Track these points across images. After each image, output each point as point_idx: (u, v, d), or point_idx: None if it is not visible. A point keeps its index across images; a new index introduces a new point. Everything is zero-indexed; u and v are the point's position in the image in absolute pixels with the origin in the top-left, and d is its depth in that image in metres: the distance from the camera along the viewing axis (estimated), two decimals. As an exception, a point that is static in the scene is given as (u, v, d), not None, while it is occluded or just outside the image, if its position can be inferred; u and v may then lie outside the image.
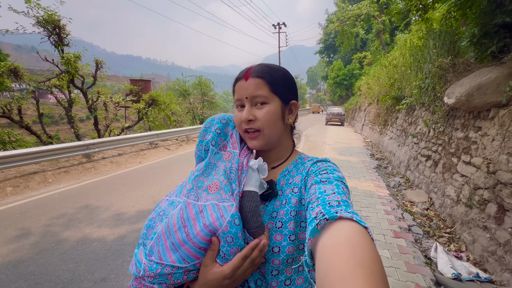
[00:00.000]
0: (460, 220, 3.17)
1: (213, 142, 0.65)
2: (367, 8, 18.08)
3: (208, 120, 0.69)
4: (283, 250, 0.57)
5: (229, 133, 0.67)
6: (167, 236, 0.54)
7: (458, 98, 3.30)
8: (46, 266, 2.35)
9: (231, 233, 0.52)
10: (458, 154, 3.57)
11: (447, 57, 4.01)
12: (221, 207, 0.54)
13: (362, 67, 24.59)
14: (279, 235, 0.58)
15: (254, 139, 0.63)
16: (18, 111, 7.57)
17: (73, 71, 7.48)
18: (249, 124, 0.62)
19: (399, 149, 6.47)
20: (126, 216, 3.43)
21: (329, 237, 0.39)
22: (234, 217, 0.53)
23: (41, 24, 6.85)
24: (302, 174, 0.63)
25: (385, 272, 0.33)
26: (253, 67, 0.65)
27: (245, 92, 0.62)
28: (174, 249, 0.52)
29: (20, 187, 4.55)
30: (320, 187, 0.53)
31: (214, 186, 0.58)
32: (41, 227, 3.12)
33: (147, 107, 10.50)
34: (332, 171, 0.58)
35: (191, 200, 0.57)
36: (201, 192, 0.58)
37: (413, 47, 6.15)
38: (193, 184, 0.60)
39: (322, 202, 0.47)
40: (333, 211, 0.43)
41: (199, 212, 0.55)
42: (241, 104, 0.64)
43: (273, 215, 0.61)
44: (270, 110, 0.62)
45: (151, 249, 0.55)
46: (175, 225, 0.54)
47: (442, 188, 3.84)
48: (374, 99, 10.82)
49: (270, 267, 0.58)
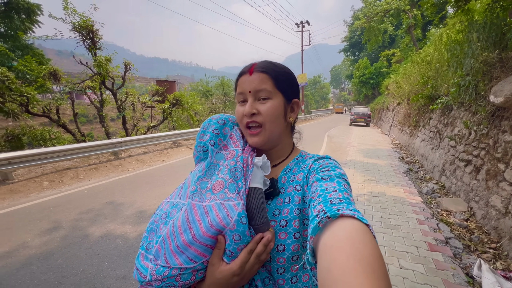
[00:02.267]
0: (508, 235, 2.80)
1: (211, 142, 0.63)
2: (397, 2, 17.11)
3: (205, 121, 0.68)
4: (288, 248, 0.57)
5: (227, 133, 0.66)
6: (171, 239, 0.53)
7: (508, 97, 2.93)
8: (73, 260, 2.44)
9: (239, 231, 0.51)
10: (506, 160, 3.17)
11: (494, 51, 3.59)
12: (226, 206, 0.53)
13: (390, 65, 23.34)
14: (283, 233, 0.58)
15: (256, 136, 0.63)
16: (56, 111, 8.17)
17: (104, 73, 7.91)
18: (251, 117, 0.61)
19: (433, 152, 5.97)
20: (147, 214, 3.50)
21: (331, 235, 0.39)
22: (241, 216, 0.52)
23: (77, 29, 7.32)
24: (304, 172, 0.63)
25: (386, 269, 0.32)
26: (258, 62, 0.64)
27: (249, 86, 0.62)
28: (179, 251, 0.51)
29: (55, 182, 4.87)
30: (321, 185, 0.53)
31: (219, 185, 0.57)
32: (71, 221, 3.28)
33: (171, 107, 10.81)
34: (333, 168, 0.58)
35: (195, 202, 0.56)
36: (206, 193, 0.57)
37: (451, 42, 5.63)
38: (197, 186, 0.59)
39: (324, 199, 0.47)
40: (334, 208, 0.42)
41: (204, 213, 0.54)
42: (244, 99, 0.64)
43: (276, 213, 0.61)
44: (274, 105, 0.62)
45: (157, 253, 0.54)
46: (181, 227, 0.53)
47: (485, 197, 3.44)
48: (404, 98, 10.17)
49: (276, 265, 0.58)
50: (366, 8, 21.44)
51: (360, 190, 4.36)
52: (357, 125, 18.25)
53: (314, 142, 10.07)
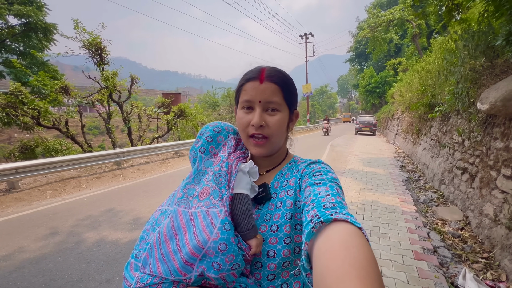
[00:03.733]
0: (500, 244, 2.73)
1: (201, 149, 0.64)
2: (400, 12, 17.25)
3: (203, 128, 0.69)
4: (279, 253, 0.56)
5: (221, 142, 0.66)
6: (157, 246, 0.54)
7: (493, 104, 2.92)
8: (63, 264, 2.54)
9: (223, 240, 0.51)
10: (497, 167, 3.12)
11: (481, 59, 3.60)
12: (210, 213, 0.54)
13: (397, 74, 23.23)
14: (274, 238, 0.57)
15: (260, 147, 0.62)
16: (65, 123, 8.57)
17: (111, 86, 8.30)
18: (258, 129, 0.60)
19: (433, 160, 5.87)
20: (141, 221, 3.59)
21: (325, 240, 0.38)
22: (224, 223, 0.52)
23: (86, 46, 7.78)
24: (296, 177, 0.63)
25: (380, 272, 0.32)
26: (266, 69, 0.63)
27: (259, 95, 0.60)
28: (163, 260, 0.52)
29: (58, 191, 5.07)
30: (314, 189, 0.52)
31: (205, 192, 0.57)
32: (67, 228, 3.41)
33: (176, 118, 11.12)
34: (325, 173, 0.58)
35: (181, 208, 0.56)
36: (192, 199, 0.57)
37: (447, 50, 5.65)
38: (184, 192, 0.59)
39: (317, 204, 0.47)
40: (328, 213, 0.42)
41: (189, 220, 0.54)
42: (250, 106, 0.62)
43: (267, 218, 0.61)
44: (282, 118, 0.62)
45: (145, 261, 0.54)
46: (166, 234, 0.54)
47: (479, 205, 3.37)
48: (406, 107, 10.10)
49: (266, 271, 0.57)
50: (370, 18, 21.66)
51: (354, 198, 4.33)
52: (362, 134, 18.06)
53: (316, 151, 10.06)
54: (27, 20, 11.94)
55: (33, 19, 11.85)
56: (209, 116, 17.65)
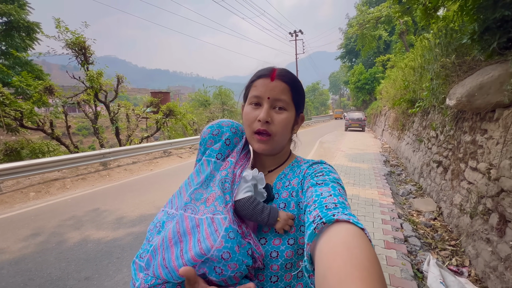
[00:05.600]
0: (465, 232, 2.89)
1: (219, 156, 0.63)
2: (387, 9, 17.49)
3: (214, 126, 0.66)
4: (282, 254, 0.56)
5: (237, 143, 0.66)
6: (161, 250, 0.53)
7: (459, 99, 3.07)
8: (42, 264, 2.57)
9: (227, 248, 0.50)
10: (465, 160, 3.29)
11: (453, 56, 3.76)
12: (215, 220, 0.53)
13: (386, 70, 23.60)
14: (277, 239, 0.57)
15: (263, 143, 0.62)
16: (50, 124, 8.43)
17: (96, 86, 8.20)
18: (264, 125, 0.61)
19: (414, 155, 6.07)
20: (124, 220, 3.63)
21: (327, 241, 0.38)
22: (228, 231, 0.51)
23: (69, 46, 7.66)
24: (298, 177, 0.63)
25: (383, 272, 0.33)
26: (278, 69, 0.64)
27: (269, 92, 0.61)
28: (164, 265, 0.51)
29: (42, 192, 5.04)
30: (316, 190, 0.53)
31: (212, 198, 0.57)
32: (49, 229, 3.42)
33: (165, 117, 11.07)
34: (327, 173, 0.58)
35: (188, 214, 0.56)
36: (199, 205, 0.57)
37: (424, 48, 5.83)
38: (191, 197, 0.58)
39: (319, 205, 0.47)
40: (330, 213, 0.42)
41: (195, 226, 0.54)
42: (258, 102, 0.62)
43: None
44: (288, 117, 0.63)
45: (148, 263, 0.54)
46: (171, 239, 0.54)
47: (450, 196, 3.54)
48: (391, 103, 10.33)
49: (269, 273, 0.56)
50: (359, 15, 21.86)
51: (336, 193, 4.45)
52: (352, 130, 18.34)
53: (305, 148, 10.20)
54: (8, 18, 11.61)
55: (15, 17, 11.53)
56: (201, 115, 17.58)
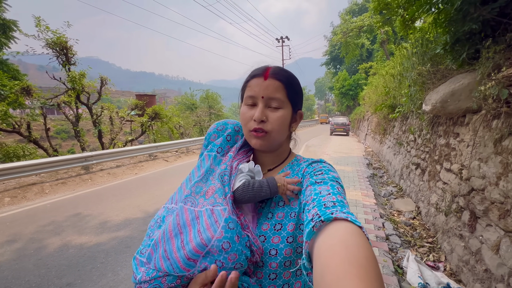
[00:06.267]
0: (441, 229, 3.07)
1: (219, 149, 0.66)
2: (369, 19, 18.28)
3: (220, 123, 0.69)
4: (280, 252, 0.56)
5: (238, 141, 0.68)
6: (162, 243, 0.54)
7: (434, 105, 3.28)
8: (20, 271, 2.45)
9: (227, 238, 0.50)
10: (441, 161, 3.50)
11: (428, 65, 4.02)
12: (215, 211, 0.54)
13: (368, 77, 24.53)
14: (276, 237, 0.57)
15: (260, 139, 0.63)
16: (27, 126, 8.04)
17: (78, 87, 7.94)
18: (259, 124, 0.61)
19: (395, 158, 6.35)
20: (108, 224, 3.53)
21: (325, 239, 0.39)
22: (228, 222, 0.52)
23: (50, 45, 7.39)
24: (298, 176, 0.63)
25: (380, 270, 0.34)
26: (272, 67, 0.64)
27: (262, 91, 0.61)
28: (166, 257, 0.52)
29: (18, 198, 4.78)
30: (315, 188, 0.53)
31: (211, 190, 0.58)
32: (27, 235, 3.26)
33: (150, 120, 10.87)
34: (327, 172, 0.58)
35: (188, 206, 0.57)
36: (199, 198, 0.58)
37: (403, 56, 6.17)
38: (192, 190, 0.60)
39: (318, 203, 0.47)
40: (328, 212, 0.43)
41: (195, 218, 0.54)
42: (253, 102, 0.63)
43: (269, 216, 0.61)
44: (283, 115, 0.62)
45: (149, 256, 0.55)
46: (171, 231, 0.54)
47: (427, 196, 3.74)
48: (373, 108, 10.75)
49: (268, 270, 0.57)
50: (343, 24, 22.67)
51: (321, 195, 4.57)
52: (337, 134, 18.83)
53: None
54: (-18, 15, 11.04)
55: (-10, 14, 10.98)
56: (187, 118, 17.41)
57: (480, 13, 2.66)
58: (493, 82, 2.26)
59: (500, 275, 1.88)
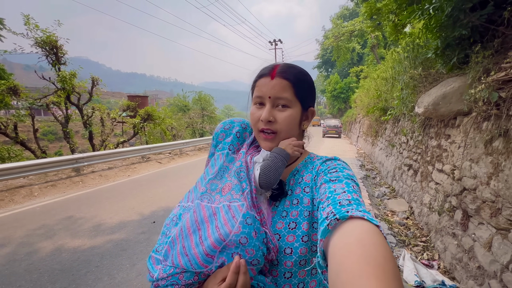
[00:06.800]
0: (434, 228, 3.15)
1: (230, 147, 0.66)
2: (360, 24, 18.69)
3: (227, 122, 0.70)
4: (295, 251, 0.55)
5: (247, 138, 0.69)
6: (180, 239, 0.54)
7: (426, 107, 3.38)
8: (10, 277, 2.36)
9: (245, 234, 0.51)
10: (432, 162, 3.60)
11: (419, 69, 4.14)
12: (232, 207, 0.54)
13: (359, 81, 25.02)
14: (291, 236, 0.57)
15: (269, 141, 0.63)
16: (14, 127, 7.78)
17: (69, 88, 7.75)
18: (267, 125, 0.61)
19: (387, 159, 6.48)
20: (102, 227, 3.45)
21: (341, 237, 0.38)
22: (245, 217, 0.52)
23: (39, 44, 7.20)
24: (312, 173, 0.62)
25: (399, 270, 0.33)
26: (280, 65, 0.63)
27: (269, 91, 0.61)
28: (184, 253, 0.52)
29: (5, 201, 4.61)
30: (330, 186, 0.52)
31: (227, 187, 0.58)
32: (16, 239, 3.14)
33: (143, 122, 10.71)
34: (341, 169, 0.58)
35: (204, 203, 0.57)
36: (215, 195, 0.58)
37: (395, 60, 6.33)
38: (207, 187, 0.60)
39: (333, 201, 0.46)
40: (344, 210, 0.42)
41: (212, 214, 0.55)
42: (261, 102, 0.63)
43: (283, 214, 0.60)
44: (291, 114, 0.62)
45: (166, 254, 0.55)
46: (190, 228, 0.55)
47: (420, 196, 3.84)
48: (365, 111, 10.96)
49: (283, 269, 0.56)
50: (334, 28, 23.08)
51: (317, 196, 4.62)
52: (329, 136, 19.07)
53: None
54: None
55: (-26, 11, 10.61)
56: (180, 120, 17.25)
57: (469, 19, 2.76)
58: (483, 86, 2.35)
59: (493, 271, 1.94)
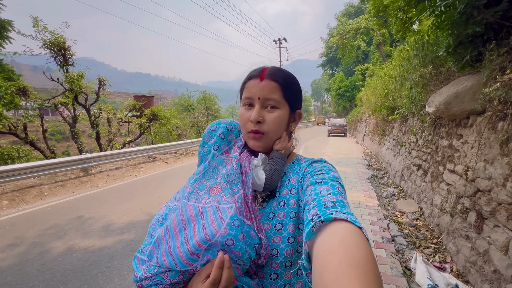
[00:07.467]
0: (446, 230, 3.09)
1: (215, 147, 0.66)
2: (366, 21, 18.46)
3: (214, 123, 0.70)
4: (281, 252, 0.56)
5: (232, 140, 0.68)
6: (165, 239, 0.54)
7: (437, 107, 3.31)
8: (23, 277, 2.40)
9: (231, 236, 0.50)
10: (443, 163, 3.53)
11: (429, 67, 4.06)
12: (220, 209, 0.54)
13: (365, 79, 24.75)
14: (277, 237, 0.57)
15: (257, 140, 0.63)
16: (23, 127, 7.91)
17: (76, 89, 7.85)
18: (256, 126, 0.62)
19: (395, 159, 6.40)
20: (111, 228, 3.48)
21: (324, 239, 0.39)
22: (233, 219, 0.52)
23: (48, 46, 7.30)
24: (298, 175, 0.63)
25: (379, 271, 0.33)
26: (268, 68, 0.64)
27: (258, 92, 0.62)
28: (168, 252, 0.52)
29: (16, 201, 4.69)
30: (315, 188, 0.53)
31: (216, 188, 0.58)
32: (28, 239, 3.19)
33: (149, 121, 10.79)
34: (327, 171, 0.58)
35: (191, 202, 0.57)
36: (202, 195, 0.58)
37: (403, 58, 6.23)
38: (194, 187, 0.60)
39: (318, 203, 0.47)
40: (328, 212, 0.42)
41: (199, 214, 0.54)
42: (250, 103, 0.64)
43: (270, 216, 0.60)
44: (280, 115, 0.63)
45: (150, 254, 0.55)
46: (176, 227, 0.54)
47: (430, 197, 3.77)
48: (371, 109, 10.84)
49: (269, 270, 0.57)
50: (339, 26, 22.87)
51: (324, 196, 4.58)
52: (334, 135, 18.93)
53: (290, 153, 10.33)
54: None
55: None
56: (184, 120, 17.33)
57: (484, 16, 2.69)
58: (498, 84, 2.28)
59: (510, 275, 1.89)
